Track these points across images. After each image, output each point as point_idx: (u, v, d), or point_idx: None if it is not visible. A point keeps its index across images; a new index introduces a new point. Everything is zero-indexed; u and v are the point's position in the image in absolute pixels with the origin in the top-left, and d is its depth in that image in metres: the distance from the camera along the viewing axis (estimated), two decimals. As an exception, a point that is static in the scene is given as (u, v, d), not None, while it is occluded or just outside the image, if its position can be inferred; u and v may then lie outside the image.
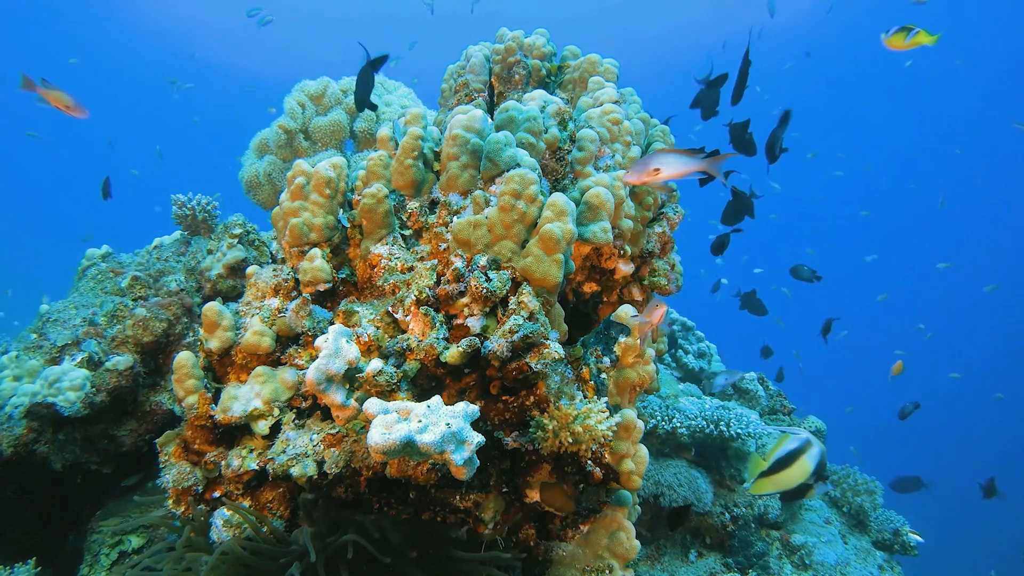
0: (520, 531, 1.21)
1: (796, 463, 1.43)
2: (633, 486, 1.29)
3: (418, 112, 1.41)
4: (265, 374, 1.22)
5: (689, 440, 2.74)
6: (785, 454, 1.43)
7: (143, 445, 1.90)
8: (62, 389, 1.74)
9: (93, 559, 1.75)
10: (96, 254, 2.32)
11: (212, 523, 1.18)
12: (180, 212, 2.44)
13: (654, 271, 1.66)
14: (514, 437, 1.14)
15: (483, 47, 1.86)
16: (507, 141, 1.29)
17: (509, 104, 1.41)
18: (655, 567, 2.66)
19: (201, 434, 1.22)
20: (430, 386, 1.19)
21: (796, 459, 1.43)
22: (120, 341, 1.89)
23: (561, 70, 1.85)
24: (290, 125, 2.61)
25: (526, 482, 1.18)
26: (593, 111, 1.52)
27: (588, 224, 1.35)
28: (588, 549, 1.26)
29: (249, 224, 2.23)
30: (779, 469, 1.43)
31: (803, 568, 2.79)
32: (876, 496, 3.22)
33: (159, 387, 1.94)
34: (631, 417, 1.27)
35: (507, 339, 1.11)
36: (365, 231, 1.35)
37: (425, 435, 0.89)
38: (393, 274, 1.30)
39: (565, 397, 1.16)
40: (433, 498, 1.14)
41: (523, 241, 1.23)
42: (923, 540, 3.10)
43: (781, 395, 3.54)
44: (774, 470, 1.44)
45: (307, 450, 1.14)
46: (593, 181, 1.40)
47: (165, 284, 2.15)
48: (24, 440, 1.75)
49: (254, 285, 1.34)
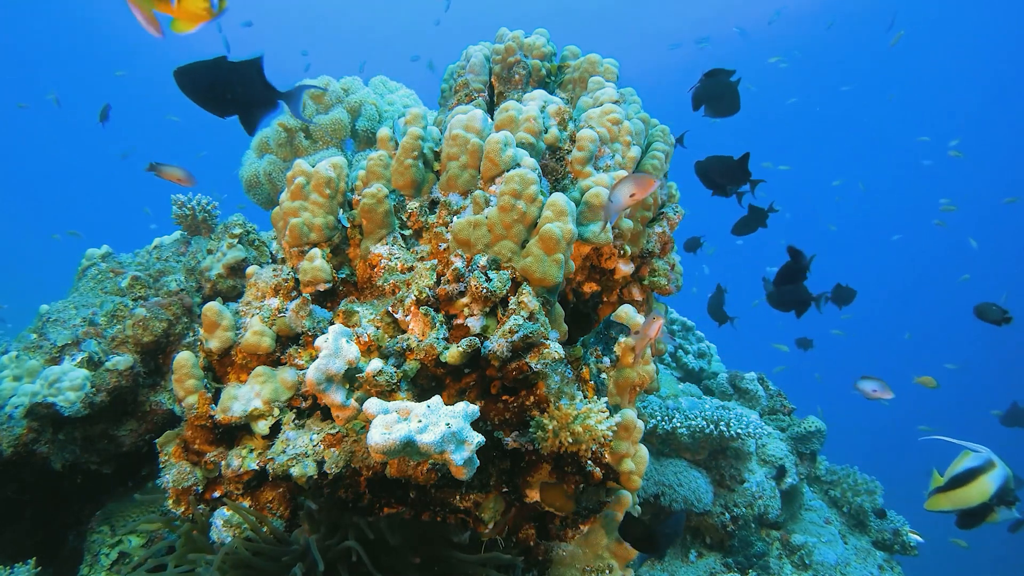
0: (520, 531, 1.21)
1: (975, 482, 1.35)
2: (633, 486, 1.29)
3: (418, 112, 1.41)
4: (265, 374, 1.22)
5: (689, 440, 2.74)
6: (964, 471, 1.36)
7: (143, 445, 1.90)
8: (62, 389, 1.74)
9: (93, 559, 1.75)
10: (96, 254, 2.32)
11: (212, 523, 1.18)
12: (180, 212, 2.44)
13: (654, 271, 1.66)
14: (514, 437, 1.14)
15: (483, 47, 1.86)
16: (507, 141, 1.29)
17: (509, 104, 1.41)
18: (655, 567, 2.66)
19: (201, 434, 1.22)
20: (430, 386, 1.19)
21: (975, 478, 1.35)
22: (120, 341, 1.89)
23: (561, 70, 1.85)
24: (290, 123, 2.60)
25: (526, 482, 1.18)
26: (593, 111, 1.52)
27: (588, 224, 1.35)
28: (588, 549, 1.26)
29: (249, 224, 2.23)
30: (956, 486, 1.36)
31: (803, 568, 2.79)
32: (876, 496, 3.21)
33: (159, 387, 1.94)
34: (631, 417, 1.27)
35: (507, 339, 1.11)
36: (365, 231, 1.35)
37: (425, 435, 0.89)
38: (393, 274, 1.30)
39: (565, 397, 1.16)
40: (433, 498, 1.14)
41: (523, 241, 1.23)
42: (923, 540, 3.10)
43: (781, 395, 3.54)
44: (951, 486, 1.36)
45: (307, 450, 1.14)
46: (593, 181, 1.40)
47: (165, 284, 2.15)
48: (24, 440, 1.75)
49: (254, 285, 1.34)
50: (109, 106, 2.98)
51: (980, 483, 1.35)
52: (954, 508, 1.39)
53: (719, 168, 1.96)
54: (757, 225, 2.13)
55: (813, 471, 3.40)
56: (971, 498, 1.36)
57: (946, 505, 1.39)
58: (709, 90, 1.97)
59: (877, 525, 3.11)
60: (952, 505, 1.38)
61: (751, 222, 2.13)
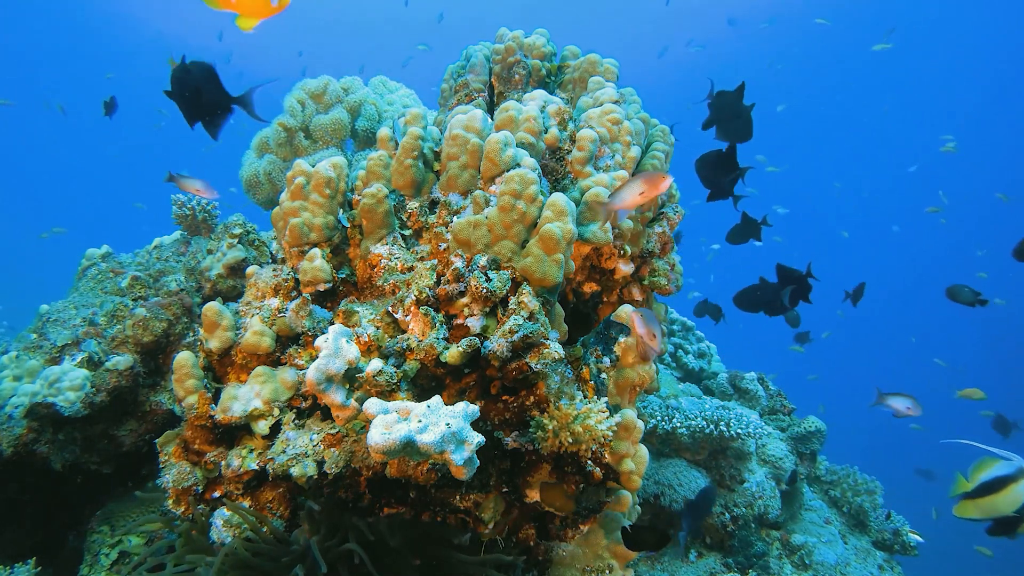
0: (520, 531, 1.21)
1: (1006, 491, 1.30)
2: (633, 486, 1.29)
3: (418, 112, 1.41)
4: (265, 374, 1.22)
5: (689, 440, 2.75)
6: (993, 479, 1.31)
7: (143, 445, 1.90)
8: (62, 389, 1.74)
9: (93, 559, 1.75)
10: (96, 254, 2.32)
11: (212, 523, 1.18)
12: (180, 212, 2.44)
13: (654, 271, 1.66)
14: (514, 437, 1.14)
15: (483, 47, 1.86)
16: (507, 141, 1.29)
17: (509, 104, 1.41)
18: (655, 567, 2.66)
19: (201, 434, 1.22)
20: (430, 386, 1.19)
21: (1007, 486, 1.30)
22: (120, 341, 1.89)
23: (561, 70, 1.85)
24: (290, 123, 2.60)
25: (526, 482, 1.18)
26: (593, 111, 1.52)
27: (588, 224, 1.35)
28: (588, 549, 1.26)
29: (249, 224, 2.23)
30: (985, 494, 1.32)
31: (803, 568, 2.79)
32: (876, 496, 3.22)
33: (159, 387, 1.94)
34: (631, 417, 1.27)
35: (507, 339, 1.11)
36: (365, 231, 1.35)
37: (425, 435, 0.89)
38: (393, 274, 1.30)
39: (565, 397, 1.16)
40: (433, 498, 1.14)
41: (523, 241, 1.23)
42: (923, 540, 3.10)
43: (781, 395, 3.54)
44: (980, 494, 1.32)
45: (307, 450, 1.14)
46: (593, 181, 1.40)
47: (165, 284, 2.15)
48: (24, 440, 1.75)
49: (254, 285, 1.34)
50: (115, 98, 2.95)
51: (1012, 492, 1.31)
52: (984, 517, 1.35)
53: (712, 162, 1.93)
54: (750, 236, 2.10)
55: (813, 471, 3.40)
56: (1001, 507, 1.32)
57: (975, 513, 1.35)
58: (720, 111, 1.91)
59: (878, 524, 3.11)
60: (981, 513, 1.34)
61: (745, 232, 2.10)
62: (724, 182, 1.93)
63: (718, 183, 1.94)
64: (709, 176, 1.95)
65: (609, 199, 1.26)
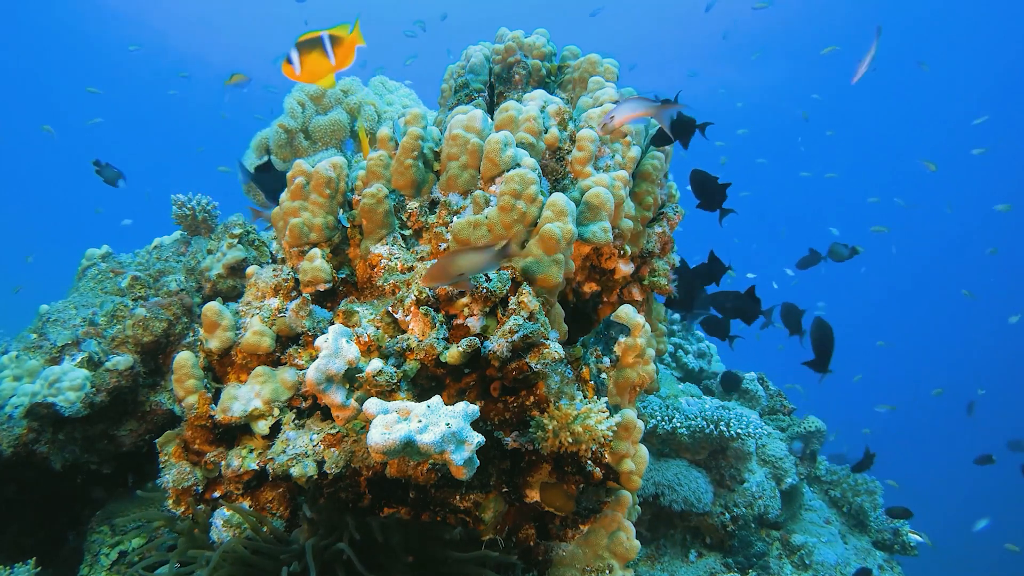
0: (520, 531, 1.21)
1: None
2: (633, 486, 1.29)
3: (418, 112, 1.41)
4: (265, 374, 1.22)
5: (689, 440, 2.74)
6: None
7: (143, 445, 1.90)
8: (62, 389, 1.74)
9: (93, 559, 1.75)
10: (96, 254, 2.32)
11: (212, 523, 1.18)
12: (180, 212, 2.44)
13: (654, 271, 1.66)
14: (514, 437, 1.14)
15: (483, 47, 1.86)
16: (507, 141, 1.29)
17: (509, 104, 1.41)
18: (655, 567, 2.66)
19: (201, 434, 1.22)
20: (430, 386, 1.19)
21: None
22: (120, 341, 1.89)
23: (561, 70, 1.85)
24: (290, 124, 2.61)
25: (526, 482, 1.18)
26: (593, 111, 1.52)
27: (588, 224, 1.35)
28: (588, 549, 1.26)
29: (249, 224, 2.24)
30: None
31: (803, 568, 2.79)
32: (876, 496, 3.22)
33: (159, 387, 1.94)
34: (631, 417, 1.27)
35: (507, 339, 1.11)
36: (365, 231, 1.35)
37: (425, 435, 0.89)
38: (393, 274, 1.30)
39: (565, 397, 1.16)
40: (433, 498, 1.14)
41: (523, 241, 1.23)
42: (923, 540, 3.10)
43: (781, 395, 3.55)
44: None
45: (307, 450, 1.14)
46: (593, 181, 1.40)
47: (165, 284, 2.15)
48: (24, 440, 1.75)
49: (254, 285, 1.34)
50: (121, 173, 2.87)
51: None
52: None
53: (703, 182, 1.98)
54: (712, 279, 2.08)
55: (813, 471, 3.40)
56: None
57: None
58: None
59: (878, 525, 3.11)
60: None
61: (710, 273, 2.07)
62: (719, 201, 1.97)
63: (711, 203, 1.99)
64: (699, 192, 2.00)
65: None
